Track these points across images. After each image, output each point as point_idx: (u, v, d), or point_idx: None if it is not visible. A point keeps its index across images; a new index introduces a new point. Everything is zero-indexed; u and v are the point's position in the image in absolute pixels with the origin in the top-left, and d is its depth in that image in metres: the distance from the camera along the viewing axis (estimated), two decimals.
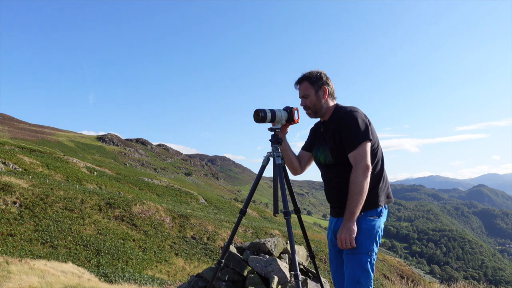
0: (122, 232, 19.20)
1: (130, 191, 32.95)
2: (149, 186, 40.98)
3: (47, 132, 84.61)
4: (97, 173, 39.17)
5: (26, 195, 19.17)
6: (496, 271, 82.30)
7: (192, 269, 17.81)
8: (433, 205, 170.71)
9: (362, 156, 2.06)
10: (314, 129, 2.45)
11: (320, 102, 2.25)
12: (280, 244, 4.05)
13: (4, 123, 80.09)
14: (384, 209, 2.24)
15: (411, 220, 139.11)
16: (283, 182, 2.28)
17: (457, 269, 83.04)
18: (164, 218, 22.75)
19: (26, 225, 16.72)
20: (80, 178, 31.55)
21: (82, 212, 19.69)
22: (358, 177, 2.03)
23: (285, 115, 2.29)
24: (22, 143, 49.66)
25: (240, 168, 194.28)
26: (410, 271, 30.00)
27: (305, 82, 2.26)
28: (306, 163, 2.48)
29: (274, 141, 2.33)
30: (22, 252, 13.95)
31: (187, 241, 20.96)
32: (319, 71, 2.28)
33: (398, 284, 5.99)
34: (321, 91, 2.25)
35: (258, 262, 3.67)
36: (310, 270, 3.98)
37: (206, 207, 39.73)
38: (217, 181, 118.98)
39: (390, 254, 75.18)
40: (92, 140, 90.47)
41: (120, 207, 21.69)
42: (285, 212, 2.19)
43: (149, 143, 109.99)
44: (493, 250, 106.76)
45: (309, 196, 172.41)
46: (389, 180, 2.34)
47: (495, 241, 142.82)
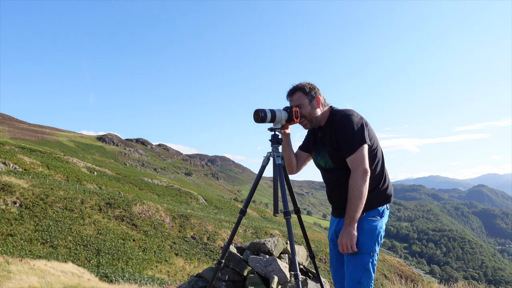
0: (122, 232, 19.20)
1: (130, 191, 32.95)
2: (149, 186, 40.98)
3: (47, 132, 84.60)
4: (97, 173, 39.17)
5: (26, 195, 19.16)
6: (496, 271, 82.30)
7: (192, 269, 17.81)
8: (433, 205, 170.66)
9: (360, 160, 2.06)
10: (312, 131, 2.44)
11: (314, 111, 2.25)
12: (280, 244, 4.05)
13: (4, 123, 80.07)
14: (386, 210, 2.24)
15: (411, 220, 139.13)
16: (283, 182, 2.28)
17: (457, 269, 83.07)
18: (164, 218, 22.75)
19: (26, 225, 16.71)
20: (80, 178, 31.54)
21: (82, 212, 19.69)
22: (357, 182, 2.04)
23: (285, 115, 2.28)
24: (22, 143, 49.65)
25: (240, 168, 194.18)
26: (410, 271, 29.99)
27: (299, 92, 2.27)
28: (302, 163, 2.48)
29: (274, 141, 2.33)
30: (22, 252, 13.95)
31: (187, 241, 20.96)
32: (310, 82, 2.30)
33: (398, 284, 5.99)
34: (315, 101, 2.25)
35: (258, 262, 3.67)
36: (310, 270, 3.98)
37: (206, 207, 39.73)
38: (217, 181, 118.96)
39: (390, 254, 75.16)
40: (92, 140, 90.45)
41: (120, 207, 21.69)
42: (285, 212, 2.19)
43: (149, 143, 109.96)
44: (493, 250, 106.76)
45: (309, 196, 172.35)
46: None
47: (495, 241, 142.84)
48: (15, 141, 49.24)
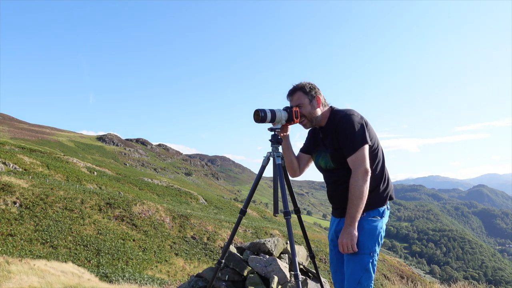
0: (122, 232, 19.21)
1: (130, 191, 32.95)
2: (149, 186, 41.00)
3: (47, 132, 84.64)
4: (97, 173, 39.18)
5: (26, 195, 19.17)
6: (496, 271, 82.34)
7: (192, 269, 17.81)
8: (433, 205, 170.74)
9: (360, 160, 2.06)
10: (312, 132, 2.44)
11: (315, 111, 2.25)
12: (280, 244, 4.05)
13: (4, 123, 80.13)
14: (387, 210, 2.24)
15: (411, 220, 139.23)
16: (283, 182, 2.27)
17: (457, 269, 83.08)
18: (164, 218, 22.75)
19: (26, 225, 16.72)
20: (80, 178, 31.55)
21: (82, 212, 19.70)
22: (358, 182, 2.04)
23: (285, 115, 2.28)
24: (22, 143, 49.67)
25: (240, 168, 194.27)
26: (410, 271, 30.01)
27: (299, 92, 2.27)
28: (304, 165, 2.47)
29: (274, 141, 2.32)
30: (22, 252, 13.96)
31: (187, 241, 20.96)
32: (310, 82, 2.30)
33: (398, 284, 5.99)
34: (315, 101, 2.25)
35: (258, 262, 3.67)
36: (310, 270, 3.98)
37: (206, 207, 39.73)
38: (217, 181, 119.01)
39: (390, 254, 75.21)
40: (92, 140, 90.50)
41: (120, 207, 21.69)
42: (285, 212, 2.18)
43: (149, 143, 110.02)
44: (493, 250, 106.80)
45: (309, 196, 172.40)
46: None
47: (495, 241, 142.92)
48: (15, 141, 49.26)
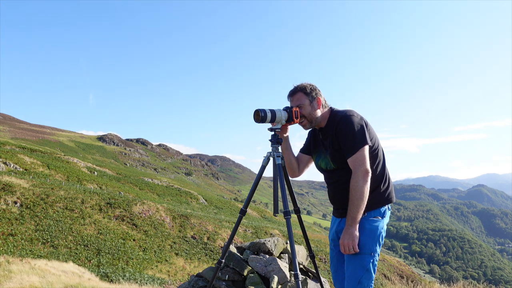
0: (122, 232, 19.21)
1: (131, 191, 32.94)
2: (149, 186, 40.97)
3: (48, 132, 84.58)
4: (98, 173, 39.17)
5: (26, 195, 19.18)
6: (496, 271, 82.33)
7: (192, 269, 17.82)
8: (432, 205, 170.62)
9: (360, 161, 2.07)
10: (312, 133, 2.44)
11: (315, 112, 2.26)
12: (280, 244, 4.06)
13: (5, 123, 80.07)
14: (387, 210, 2.25)
15: (411, 220, 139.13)
16: (283, 182, 2.28)
17: (457, 269, 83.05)
18: (164, 218, 22.75)
19: (27, 225, 16.73)
20: (81, 178, 31.54)
21: (83, 212, 19.70)
22: (358, 182, 2.04)
23: (285, 115, 2.29)
24: (23, 143, 49.63)
25: (240, 168, 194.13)
26: (409, 271, 30.00)
27: (299, 93, 2.28)
28: (304, 166, 2.48)
29: (274, 141, 2.33)
30: (23, 252, 13.97)
31: (187, 241, 20.96)
32: (311, 83, 2.31)
33: (398, 284, 6.00)
34: (315, 102, 2.27)
35: (258, 261, 3.68)
36: (310, 270, 3.99)
37: (206, 207, 39.72)
38: (217, 181, 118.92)
39: (390, 254, 75.19)
40: (92, 140, 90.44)
41: (120, 207, 21.70)
42: (285, 212, 2.20)
43: (149, 143, 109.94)
44: (492, 249, 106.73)
45: (309, 196, 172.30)
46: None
47: (494, 240, 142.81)
48: (15, 141, 49.24)
